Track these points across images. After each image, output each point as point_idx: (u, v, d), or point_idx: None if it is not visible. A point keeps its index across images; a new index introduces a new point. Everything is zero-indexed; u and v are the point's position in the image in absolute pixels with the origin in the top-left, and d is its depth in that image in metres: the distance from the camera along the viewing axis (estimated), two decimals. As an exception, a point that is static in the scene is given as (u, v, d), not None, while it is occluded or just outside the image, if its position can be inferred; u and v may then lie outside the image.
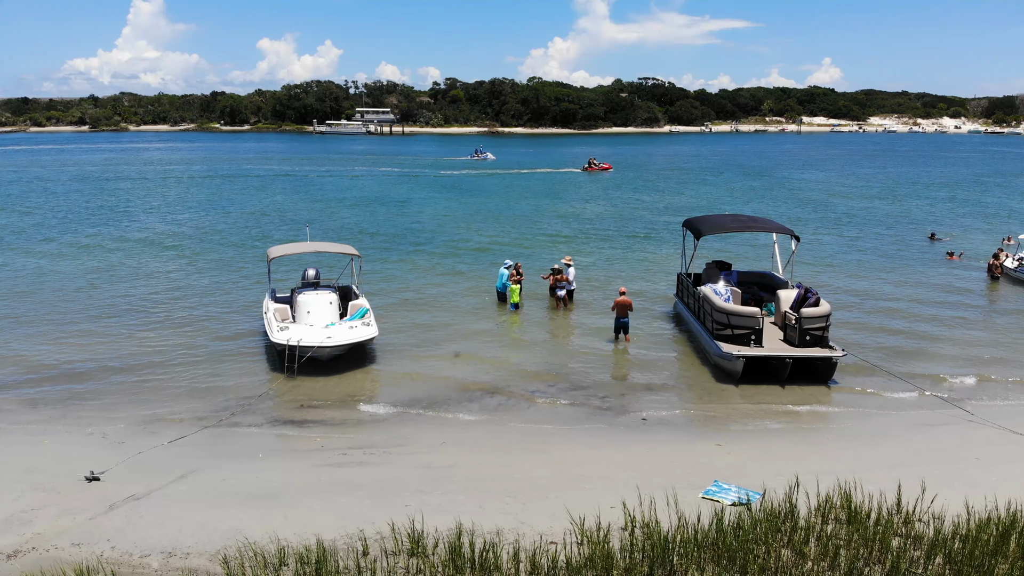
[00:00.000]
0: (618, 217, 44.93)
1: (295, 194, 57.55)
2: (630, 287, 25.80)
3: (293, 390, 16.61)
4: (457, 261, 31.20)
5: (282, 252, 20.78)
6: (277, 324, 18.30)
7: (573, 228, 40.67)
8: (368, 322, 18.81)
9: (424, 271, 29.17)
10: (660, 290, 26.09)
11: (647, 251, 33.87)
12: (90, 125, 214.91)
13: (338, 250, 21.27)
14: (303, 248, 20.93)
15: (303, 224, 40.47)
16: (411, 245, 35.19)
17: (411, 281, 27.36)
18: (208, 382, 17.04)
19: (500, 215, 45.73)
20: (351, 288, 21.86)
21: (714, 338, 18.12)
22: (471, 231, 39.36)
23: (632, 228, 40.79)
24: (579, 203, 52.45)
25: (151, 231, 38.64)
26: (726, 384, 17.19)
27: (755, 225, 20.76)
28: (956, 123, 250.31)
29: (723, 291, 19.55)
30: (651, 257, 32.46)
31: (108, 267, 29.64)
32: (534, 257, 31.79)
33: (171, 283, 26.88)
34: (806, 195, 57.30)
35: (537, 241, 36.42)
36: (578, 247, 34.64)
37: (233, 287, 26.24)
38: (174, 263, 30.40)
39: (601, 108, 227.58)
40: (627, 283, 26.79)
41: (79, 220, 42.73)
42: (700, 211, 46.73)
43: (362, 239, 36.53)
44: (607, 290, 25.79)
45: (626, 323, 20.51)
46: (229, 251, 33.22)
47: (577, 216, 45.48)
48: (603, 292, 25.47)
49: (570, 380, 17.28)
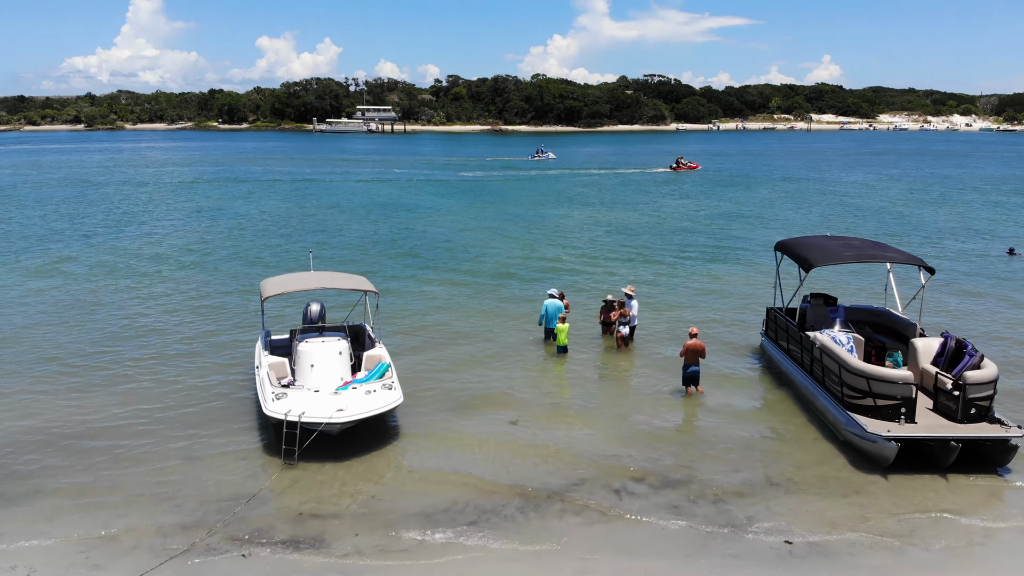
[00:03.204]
0: (662, 228, 40.48)
1: (296, 201, 53.17)
2: (694, 318, 21.53)
3: (294, 487, 12.29)
4: (489, 285, 26.78)
5: (278, 289, 16.42)
6: (272, 389, 13.98)
7: (610, 241, 36.34)
8: (390, 383, 14.50)
9: (449, 298, 24.79)
10: (731, 319, 21.77)
11: (705, 271, 29.50)
12: (86, 124, 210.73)
13: (349, 285, 16.93)
14: (305, 283, 16.58)
15: (304, 239, 36.26)
16: (436, 264, 30.78)
17: (433, 312, 23.00)
18: (179, 474, 12.71)
19: (540, 224, 41.39)
20: (364, 329, 17.58)
21: (846, 408, 13.83)
22: (504, 245, 34.89)
23: (679, 241, 36.44)
24: (625, 209, 48.12)
25: (127, 248, 34.09)
26: (869, 473, 12.89)
27: (880, 255, 16.43)
28: (967, 120, 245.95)
29: (844, 339, 15.25)
30: (715, 278, 28.09)
31: (66, 297, 25.22)
32: (573, 278, 27.47)
33: (138, 321, 22.00)
34: (858, 201, 52.44)
35: (579, 259, 32.03)
36: (621, 267, 30.32)
37: (217, 326, 21.65)
38: (146, 291, 25.58)
39: (606, 106, 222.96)
40: (688, 312, 22.54)
41: (48, 235, 38.40)
42: (755, 222, 42.34)
43: (372, 258, 32.17)
44: (666, 319, 21.49)
45: (697, 373, 16.31)
46: (215, 277, 28.09)
47: (617, 227, 41.16)
48: (663, 322, 21.17)
49: (659, 471, 12.94)
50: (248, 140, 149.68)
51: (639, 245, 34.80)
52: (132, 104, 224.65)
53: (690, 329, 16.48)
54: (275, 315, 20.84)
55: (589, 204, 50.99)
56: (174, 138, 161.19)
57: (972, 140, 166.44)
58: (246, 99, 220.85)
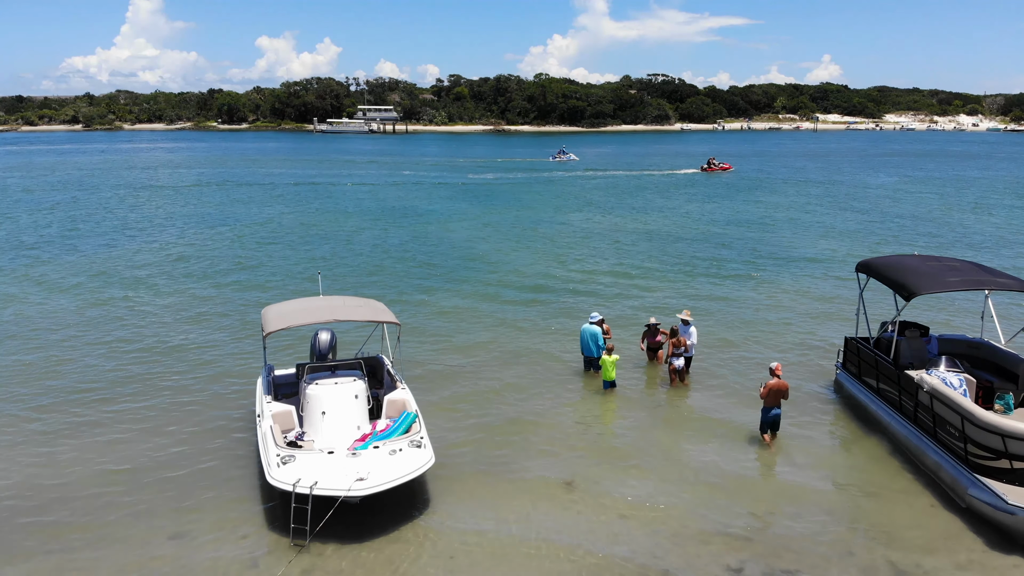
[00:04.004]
0: (695, 235, 38.00)
1: (300, 206, 50.72)
2: (745, 341, 19.08)
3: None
4: (514, 303, 24.31)
5: (283, 323, 13.89)
6: (277, 451, 11.53)
7: (641, 251, 33.92)
8: (418, 438, 12.06)
9: (471, 319, 22.31)
10: (790, 345, 19.33)
11: (752, 287, 27.08)
12: (84, 124, 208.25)
13: (366, 316, 14.44)
14: (315, 315, 14.06)
15: (309, 248, 33.80)
16: (454, 279, 28.35)
17: (454, 335, 20.56)
18: (165, 559, 10.29)
19: (564, 232, 38.97)
20: (382, 363, 15.19)
21: (971, 468, 11.43)
22: (527, 256, 32.39)
23: (716, 251, 34.01)
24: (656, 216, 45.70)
25: (116, 262, 31.52)
26: (1013, 554, 10.49)
27: (992, 280, 13.98)
28: (973, 120, 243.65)
29: (955, 381, 12.85)
30: (765, 295, 25.67)
31: (41, 317, 22.79)
32: (606, 295, 25.05)
33: (119, 353, 19.10)
34: (893, 206, 49.55)
35: (610, 273, 29.60)
36: (657, 280, 27.89)
37: (213, 356, 19.06)
38: (131, 315, 22.84)
39: (610, 105, 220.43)
40: (737, 333, 20.02)
41: (36, 244, 36.03)
42: (794, 229, 39.43)
43: (385, 270, 29.74)
44: (715, 343, 19.07)
45: (779, 417, 13.97)
46: (211, 297, 25.17)
47: (647, 234, 38.74)
48: (713, 348, 18.75)
49: (758, 550, 10.54)
50: (248, 141, 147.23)
51: (673, 255, 32.22)
52: (131, 104, 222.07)
53: (772, 365, 14.06)
54: (279, 344, 18.41)
55: (614, 209, 48.41)
56: (173, 139, 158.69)
57: (984, 140, 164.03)
58: (246, 99, 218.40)
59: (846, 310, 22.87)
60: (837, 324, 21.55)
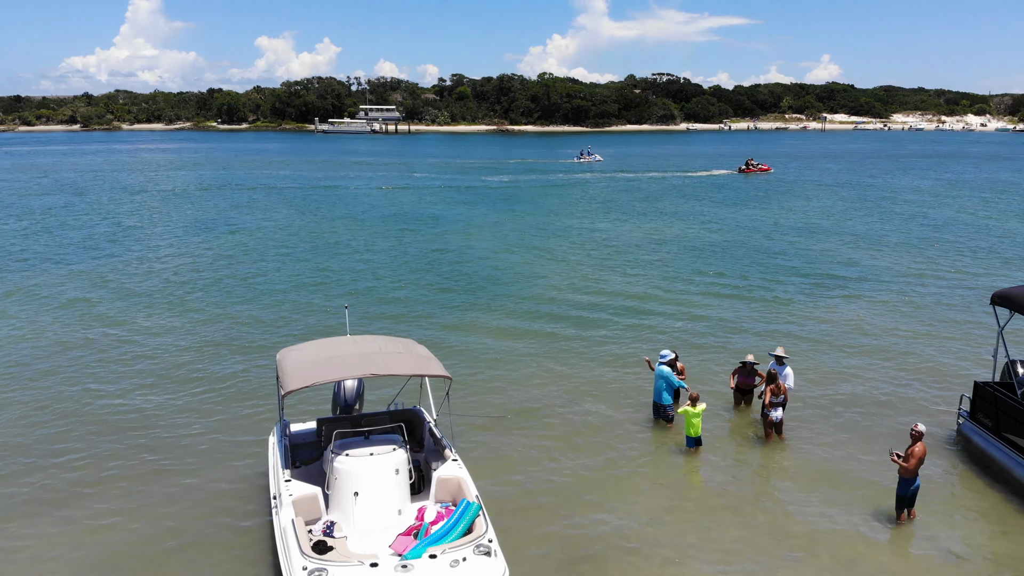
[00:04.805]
0: (738, 246, 35.17)
1: (308, 213, 47.96)
2: (830, 372, 16.24)
3: None
4: (556, 329, 21.40)
5: (308, 380, 10.71)
6: (303, 560, 8.75)
7: (686, 266, 31.18)
8: (485, 543, 9.19)
9: (508, 351, 19.50)
10: (880, 383, 16.59)
11: (821, 309, 24.30)
12: (82, 124, 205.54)
13: (410, 370, 11.42)
14: (345, 369, 11.00)
15: (321, 259, 30.92)
16: (483, 299, 25.53)
17: (491, 370, 17.78)
18: None
19: (598, 243, 36.21)
20: (421, 418, 12.47)
21: None
22: (561, 272, 29.34)
23: (769, 264, 31.26)
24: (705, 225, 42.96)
25: (106, 274, 28.74)
26: None
27: None
28: (981, 120, 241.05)
29: None
30: (840, 321, 22.90)
31: (15, 345, 20.07)
32: (655, 320, 22.29)
33: (101, 396, 16.14)
34: (936, 211, 46.58)
35: (656, 291, 26.84)
36: (709, 301, 25.14)
37: (214, 402, 16.05)
38: (119, 347, 20.23)
39: (614, 105, 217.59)
40: (819, 364, 17.11)
41: (23, 254, 33.34)
42: (844, 239, 36.11)
43: (406, 288, 26.94)
44: (799, 382, 16.32)
45: (918, 490, 11.27)
46: (213, 324, 21.62)
47: (689, 245, 36.00)
48: (801, 391, 16.00)
49: None
50: (248, 141, 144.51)
51: (726, 268, 29.14)
52: (129, 104, 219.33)
53: (914, 426, 11.32)
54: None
55: (648, 214, 45.47)
56: (172, 139, 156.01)
57: (999, 141, 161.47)
58: (246, 99, 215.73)
59: (943, 335, 20.22)
60: (933, 351, 18.84)
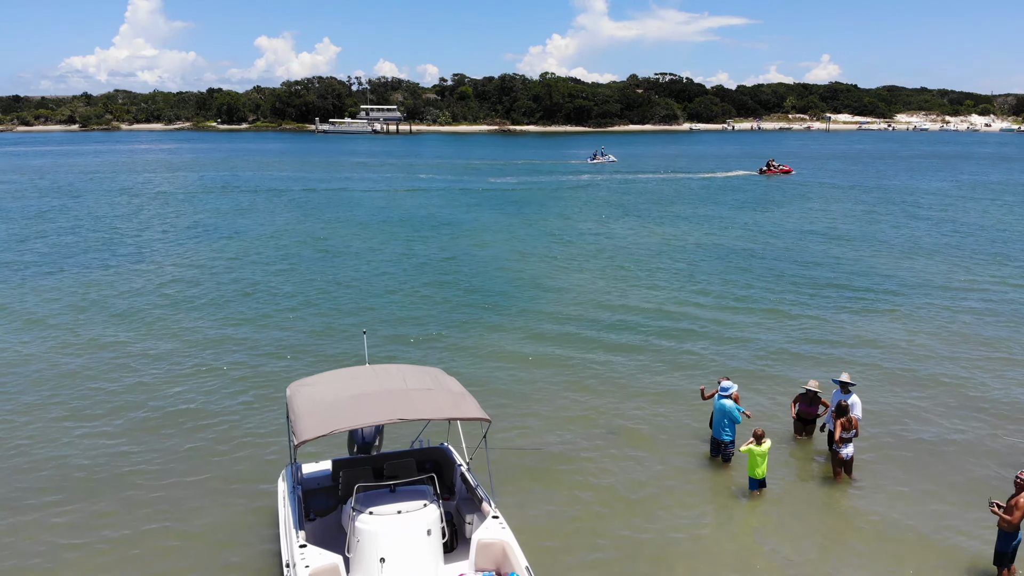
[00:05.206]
0: (767, 255, 33.04)
1: (312, 216, 46.33)
2: (896, 403, 14.66)
3: None
4: (587, 350, 19.66)
5: (326, 427, 9.00)
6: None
7: (716, 275, 29.58)
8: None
9: (538, 376, 17.93)
10: (940, 416, 15.07)
11: (866, 331, 22.69)
12: (80, 124, 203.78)
13: (443, 413, 9.83)
14: (369, 413, 9.31)
15: (328, 269, 29.30)
16: (504, 313, 23.84)
17: (523, 406, 16.15)
18: None
19: (620, 251, 34.57)
20: (450, 459, 10.98)
21: None
22: (584, 282, 27.58)
23: (805, 277, 29.64)
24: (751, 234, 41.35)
25: (101, 285, 27.10)
26: None
27: None
28: (986, 121, 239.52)
29: None
30: (891, 345, 21.31)
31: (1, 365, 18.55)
32: (699, 338, 20.72)
33: (89, 429, 14.67)
34: (964, 216, 44.55)
35: (689, 305, 25.24)
36: (745, 319, 23.57)
37: (216, 443, 14.17)
38: (112, 367, 18.90)
39: (616, 105, 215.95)
40: (883, 393, 15.50)
41: (6, 263, 31.75)
42: (876, 248, 34.12)
43: (420, 301, 25.35)
44: (864, 413, 14.79)
45: (1019, 545, 9.79)
46: (213, 345, 19.73)
47: (716, 251, 34.40)
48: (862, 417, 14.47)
49: None
50: (249, 141, 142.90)
51: (751, 282, 27.24)
52: (128, 104, 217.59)
53: (1020, 473, 9.80)
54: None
55: (666, 218, 43.73)
56: (171, 139, 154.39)
57: (1006, 142, 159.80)
58: (246, 98, 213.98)
59: (999, 357, 18.67)
60: (994, 380, 17.28)
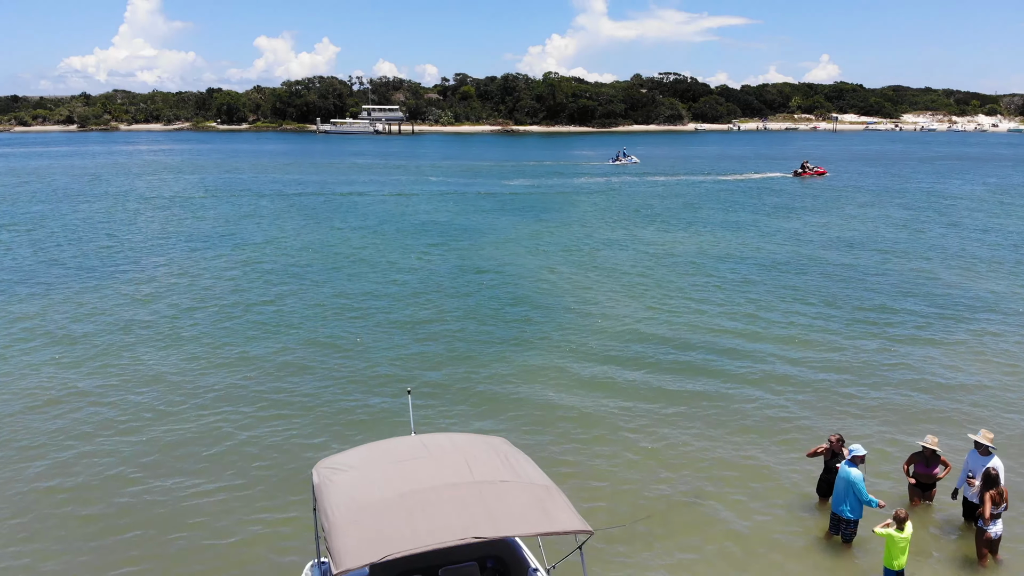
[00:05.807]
0: (819, 269, 31.03)
1: (321, 224, 43.88)
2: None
3: None
4: (649, 384, 17.54)
5: (373, 551, 6.48)
6: None
7: (767, 292, 27.16)
8: None
9: (591, 415, 15.56)
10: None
11: (949, 358, 20.29)
12: (79, 124, 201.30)
13: (530, 528, 7.28)
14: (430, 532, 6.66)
15: (342, 285, 26.76)
16: (540, 339, 21.41)
17: (582, 461, 13.83)
18: None
19: (657, 263, 32.22)
20: (520, 558, 8.68)
21: None
22: (622, 299, 25.22)
23: (864, 296, 27.19)
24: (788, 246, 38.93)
25: (93, 303, 24.81)
26: None
27: None
28: (993, 121, 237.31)
29: None
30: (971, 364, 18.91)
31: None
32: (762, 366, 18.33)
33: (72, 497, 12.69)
34: (1005, 220, 42.62)
35: (742, 328, 22.81)
36: (807, 347, 21.15)
37: (227, 526, 11.95)
38: (97, 413, 16.39)
39: (621, 105, 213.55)
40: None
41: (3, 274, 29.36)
42: (929, 259, 31.73)
43: (449, 323, 22.96)
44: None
45: None
46: (218, 388, 17.22)
47: (763, 263, 31.99)
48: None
49: None
50: (249, 142, 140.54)
51: (807, 296, 24.92)
52: (127, 104, 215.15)
53: None
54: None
55: (694, 225, 41.25)
56: (171, 140, 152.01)
57: (1016, 143, 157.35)
58: (246, 99, 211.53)
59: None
60: None
